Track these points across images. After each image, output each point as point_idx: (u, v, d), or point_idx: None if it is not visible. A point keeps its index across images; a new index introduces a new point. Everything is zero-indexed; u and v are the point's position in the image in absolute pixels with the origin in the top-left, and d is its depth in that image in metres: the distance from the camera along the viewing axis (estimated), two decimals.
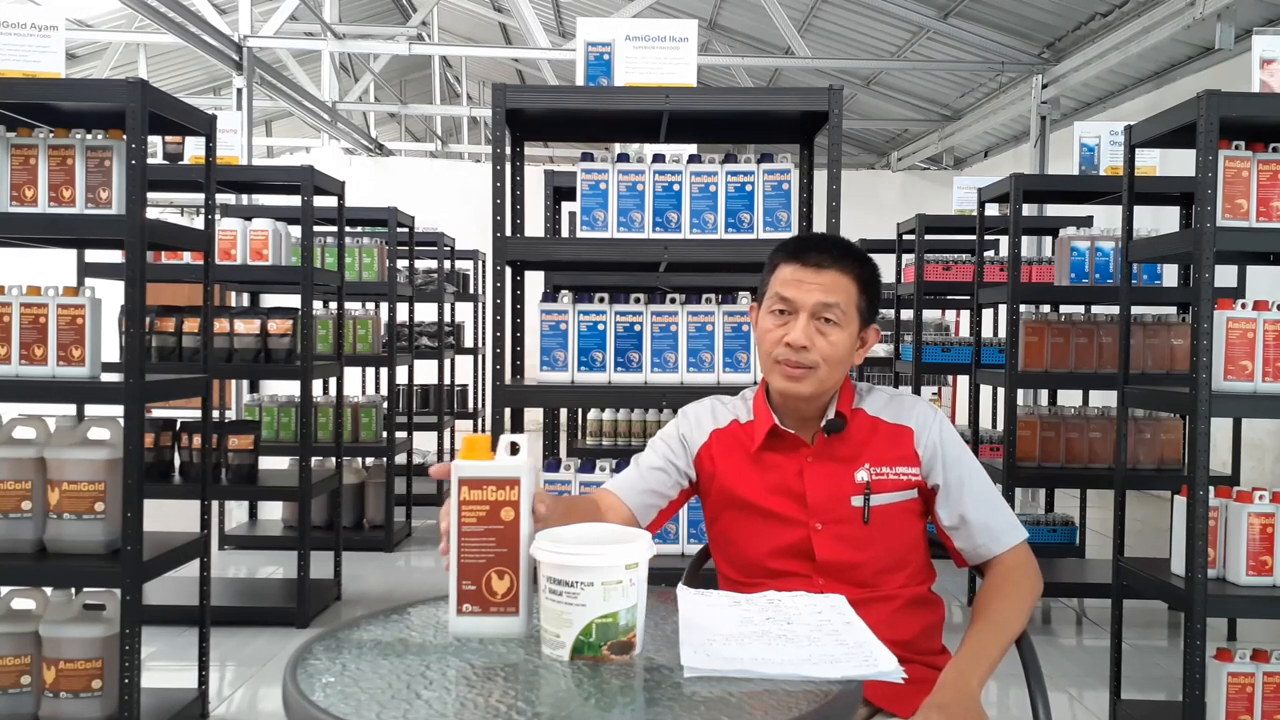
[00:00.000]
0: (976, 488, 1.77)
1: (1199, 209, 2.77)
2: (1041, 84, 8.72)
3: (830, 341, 1.73)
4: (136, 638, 2.81)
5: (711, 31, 10.75)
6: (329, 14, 9.79)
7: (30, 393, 2.90)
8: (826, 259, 1.75)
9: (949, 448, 1.77)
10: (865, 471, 1.75)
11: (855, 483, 1.74)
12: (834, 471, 1.76)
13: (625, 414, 5.09)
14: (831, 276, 1.74)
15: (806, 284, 1.74)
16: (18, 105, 2.96)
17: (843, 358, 1.75)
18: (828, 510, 1.74)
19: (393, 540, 5.72)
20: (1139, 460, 4.26)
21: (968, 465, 1.78)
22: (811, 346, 1.72)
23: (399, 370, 6.51)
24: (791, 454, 1.78)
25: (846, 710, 1.21)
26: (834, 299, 1.73)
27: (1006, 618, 1.67)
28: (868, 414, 1.80)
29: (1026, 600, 1.71)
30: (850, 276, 1.76)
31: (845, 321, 1.74)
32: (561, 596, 1.28)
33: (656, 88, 3.08)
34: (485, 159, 13.45)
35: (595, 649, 1.28)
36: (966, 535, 1.76)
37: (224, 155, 4.76)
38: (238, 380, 6.19)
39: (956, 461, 1.77)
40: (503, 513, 1.32)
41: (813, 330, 1.73)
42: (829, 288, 1.73)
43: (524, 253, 3.14)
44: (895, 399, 1.83)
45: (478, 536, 1.32)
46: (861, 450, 1.77)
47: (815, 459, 1.77)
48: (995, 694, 3.74)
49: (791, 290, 1.75)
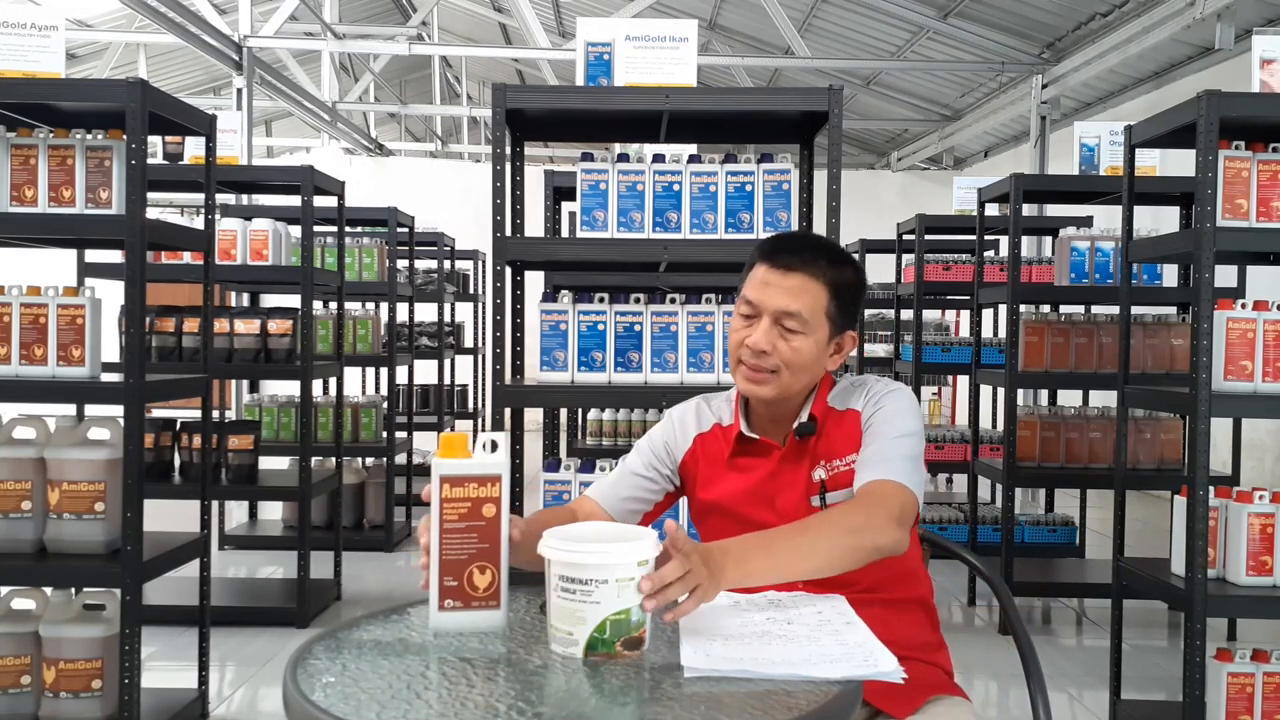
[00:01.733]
0: (886, 432, 1.68)
1: (1199, 209, 2.77)
2: (1041, 84, 8.72)
3: (792, 347, 1.69)
4: (136, 638, 2.81)
5: (711, 31, 10.75)
6: (329, 14, 9.80)
7: (30, 393, 2.90)
8: (796, 261, 1.71)
9: (881, 411, 1.71)
10: (821, 469, 1.73)
11: (814, 482, 1.73)
12: (801, 472, 1.74)
13: (625, 414, 5.09)
14: (798, 280, 1.70)
15: (772, 287, 1.71)
16: (18, 105, 2.96)
17: (806, 364, 1.71)
18: (795, 512, 1.72)
19: (393, 540, 5.72)
20: (1139, 460, 4.26)
21: (890, 419, 1.69)
22: (772, 351, 1.69)
23: (399, 370, 6.51)
24: (764, 457, 1.77)
25: (846, 710, 1.21)
26: (796, 306, 1.69)
27: (811, 536, 1.52)
28: (827, 405, 1.77)
29: (846, 531, 1.52)
30: (820, 281, 1.71)
31: (809, 329, 1.70)
32: (575, 595, 1.28)
33: (656, 88, 3.08)
34: (485, 159, 13.45)
35: (609, 645, 1.29)
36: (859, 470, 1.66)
37: (224, 155, 4.76)
38: (238, 380, 6.19)
39: (880, 418, 1.70)
40: (484, 509, 1.33)
41: (775, 334, 1.70)
42: (794, 292, 1.70)
43: (524, 253, 3.14)
44: (852, 386, 1.78)
45: (459, 533, 1.33)
46: (822, 448, 1.74)
47: (784, 461, 1.75)
48: (995, 694, 3.74)
49: (757, 292, 1.72)
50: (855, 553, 1.53)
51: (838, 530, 1.53)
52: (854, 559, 1.53)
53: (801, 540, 1.51)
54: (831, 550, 1.51)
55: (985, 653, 3.99)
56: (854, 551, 1.53)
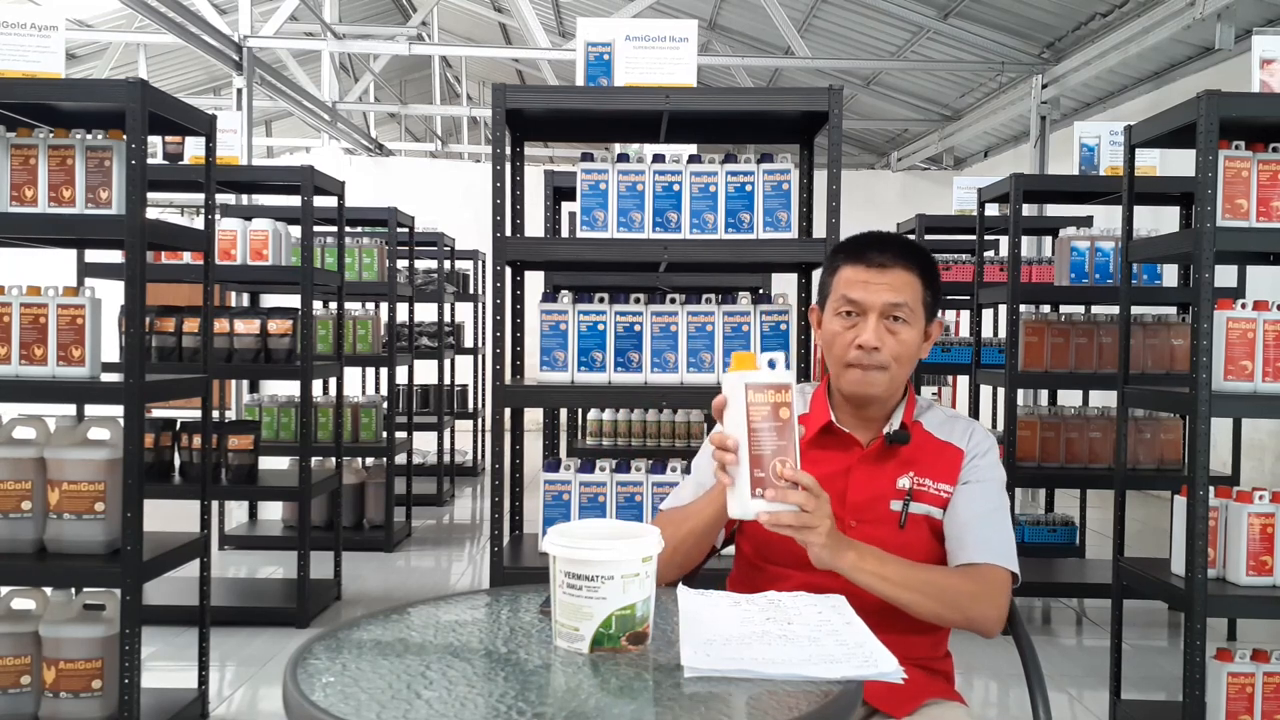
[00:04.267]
0: (986, 498, 1.74)
1: (1199, 209, 2.77)
2: (1041, 84, 8.72)
3: (900, 340, 1.74)
4: (136, 638, 2.81)
5: (711, 31, 10.75)
6: (329, 14, 9.80)
7: (30, 393, 2.90)
8: (889, 258, 1.75)
9: (986, 463, 1.77)
10: (908, 479, 1.75)
11: (896, 488, 1.74)
12: (879, 474, 1.76)
13: (625, 414, 5.09)
14: (896, 275, 1.74)
15: (873, 284, 1.74)
16: (18, 105, 2.96)
17: (913, 355, 1.76)
18: (865, 510, 1.74)
19: (393, 540, 5.72)
20: (1139, 460, 4.26)
21: (989, 481, 1.76)
22: (883, 347, 1.73)
23: (399, 370, 6.51)
24: (842, 452, 1.78)
25: (846, 710, 1.21)
26: (902, 298, 1.73)
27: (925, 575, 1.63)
28: (923, 428, 1.80)
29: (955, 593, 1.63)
30: (914, 273, 1.76)
31: (914, 319, 1.75)
32: (581, 591, 1.30)
33: (656, 88, 3.08)
34: (485, 159, 13.44)
35: (614, 640, 1.31)
36: (956, 531, 1.72)
37: (224, 155, 4.76)
38: (238, 380, 6.19)
39: (987, 475, 1.76)
40: (781, 411, 1.47)
41: (883, 330, 1.73)
42: (896, 286, 1.74)
43: (524, 253, 3.14)
44: (952, 419, 1.83)
45: (763, 429, 1.47)
46: (910, 461, 1.76)
47: (865, 461, 1.77)
48: (995, 694, 3.74)
49: (858, 291, 1.75)
50: (953, 612, 1.64)
51: (952, 588, 1.64)
52: (948, 617, 1.64)
53: (915, 573, 1.62)
54: (938, 598, 1.62)
55: (985, 653, 3.98)
56: (953, 610, 1.64)
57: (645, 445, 5.00)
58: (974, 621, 1.66)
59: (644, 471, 3.15)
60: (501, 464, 3.13)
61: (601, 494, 3.12)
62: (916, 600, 1.60)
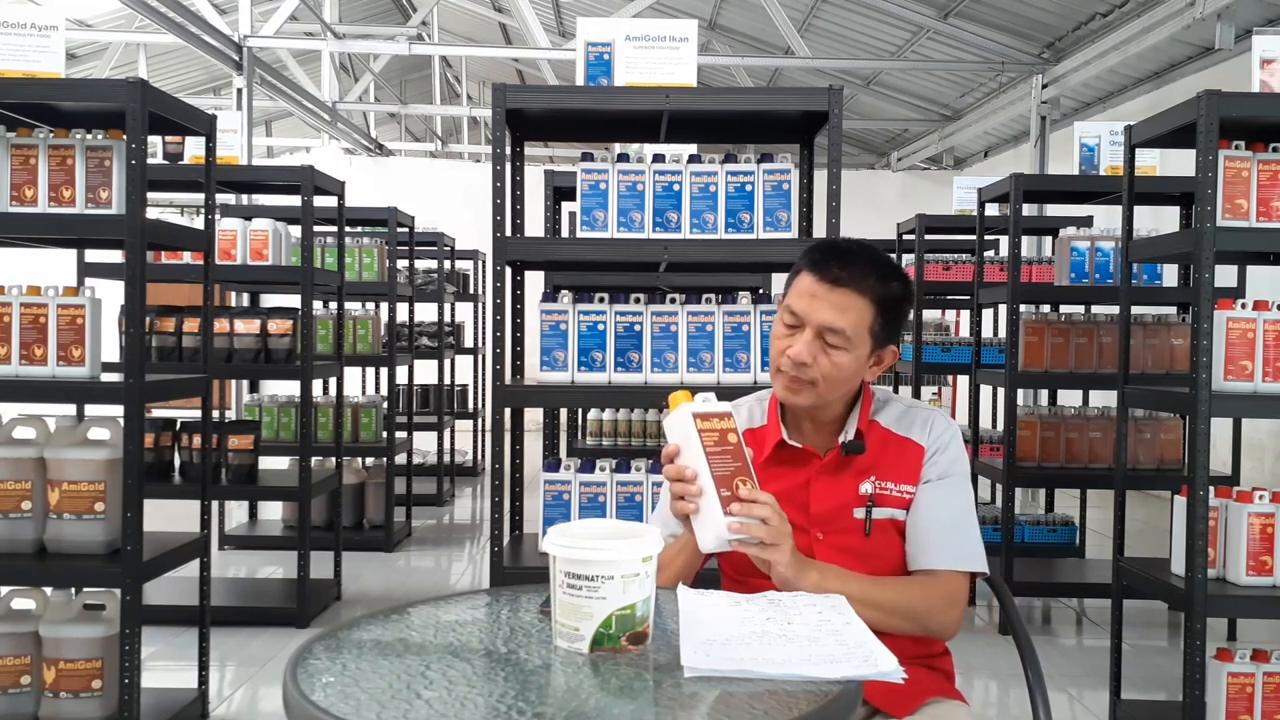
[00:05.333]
0: (949, 497, 1.72)
1: (1199, 209, 2.77)
2: (1041, 84, 8.72)
3: (832, 362, 1.68)
4: (136, 638, 2.81)
5: (711, 31, 10.75)
6: (329, 14, 9.79)
7: (30, 393, 2.90)
8: (844, 275, 1.68)
9: (946, 457, 1.74)
10: (870, 484, 1.73)
11: (859, 494, 1.73)
12: (839, 483, 1.74)
13: (625, 414, 5.10)
14: (845, 296, 1.67)
15: (818, 300, 1.68)
16: (18, 105, 2.96)
17: (845, 378, 1.70)
18: (830, 520, 1.72)
19: (393, 540, 5.72)
20: (1139, 460, 4.26)
21: (951, 478, 1.74)
22: (812, 364, 1.68)
23: (399, 370, 6.51)
24: (800, 466, 1.76)
25: (846, 710, 1.21)
26: (841, 323, 1.67)
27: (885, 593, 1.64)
28: (880, 426, 1.77)
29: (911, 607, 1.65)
30: (867, 298, 1.68)
31: (852, 345, 1.68)
32: (581, 591, 1.31)
33: (656, 88, 3.08)
34: (485, 159, 13.44)
35: (615, 640, 1.31)
36: (917, 535, 1.71)
37: (224, 155, 4.76)
38: (238, 380, 6.18)
39: (943, 473, 1.74)
40: (729, 436, 1.58)
41: (816, 348, 1.68)
42: (840, 307, 1.67)
43: (524, 253, 3.14)
44: (911, 411, 1.78)
45: (720, 454, 1.56)
46: (871, 465, 1.74)
47: (824, 472, 1.75)
48: (995, 694, 3.74)
49: (802, 303, 1.70)
50: (912, 624, 1.66)
51: (910, 602, 1.66)
52: (907, 629, 1.66)
53: (876, 590, 1.64)
54: (897, 612, 1.64)
55: (985, 653, 3.99)
56: (911, 623, 1.66)
57: (645, 445, 5.01)
58: (931, 630, 1.69)
59: (644, 471, 3.15)
60: (501, 464, 3.13)
61: (601, 494, 3.13)
62: (878, 617, 1.57)
